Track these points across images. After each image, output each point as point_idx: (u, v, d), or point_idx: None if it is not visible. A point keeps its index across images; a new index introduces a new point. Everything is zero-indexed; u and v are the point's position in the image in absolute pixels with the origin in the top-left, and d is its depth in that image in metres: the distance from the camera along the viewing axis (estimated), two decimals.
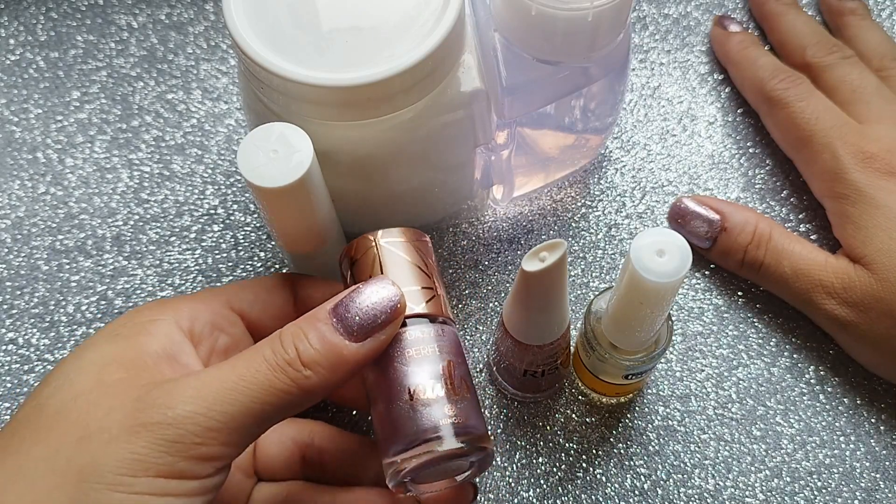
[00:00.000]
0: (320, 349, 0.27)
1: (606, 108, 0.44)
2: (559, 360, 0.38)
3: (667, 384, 0.43)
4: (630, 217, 0.47)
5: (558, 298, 0.33)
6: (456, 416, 0.29)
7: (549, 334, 0.35)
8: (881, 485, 0.40)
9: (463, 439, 0.29)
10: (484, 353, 0.44)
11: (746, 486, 0.40)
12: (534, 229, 0.47)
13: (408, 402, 0.29)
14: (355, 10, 0.36)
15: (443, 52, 0.35)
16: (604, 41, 0.36)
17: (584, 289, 0.45)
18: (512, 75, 0.37)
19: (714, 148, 0.49)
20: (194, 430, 0.25)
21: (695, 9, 0.54)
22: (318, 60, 0.35)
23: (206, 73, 0.52)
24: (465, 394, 0.30)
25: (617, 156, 0.49)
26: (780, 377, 0.43)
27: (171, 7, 0.54)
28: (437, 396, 0.29)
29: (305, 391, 0.27)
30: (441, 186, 0.44)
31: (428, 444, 0.28)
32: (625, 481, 0.41)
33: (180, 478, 0.25)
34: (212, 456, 0.25)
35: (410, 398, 0.29)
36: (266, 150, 0.34)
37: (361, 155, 0.38)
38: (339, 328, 0.27)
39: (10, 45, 0.53)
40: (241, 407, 0.26)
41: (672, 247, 0.31)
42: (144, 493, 0.24)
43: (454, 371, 0.30)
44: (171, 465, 0.25)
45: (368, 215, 0.45)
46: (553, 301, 0.33)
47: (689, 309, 0.45)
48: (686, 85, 0.52)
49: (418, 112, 0.37)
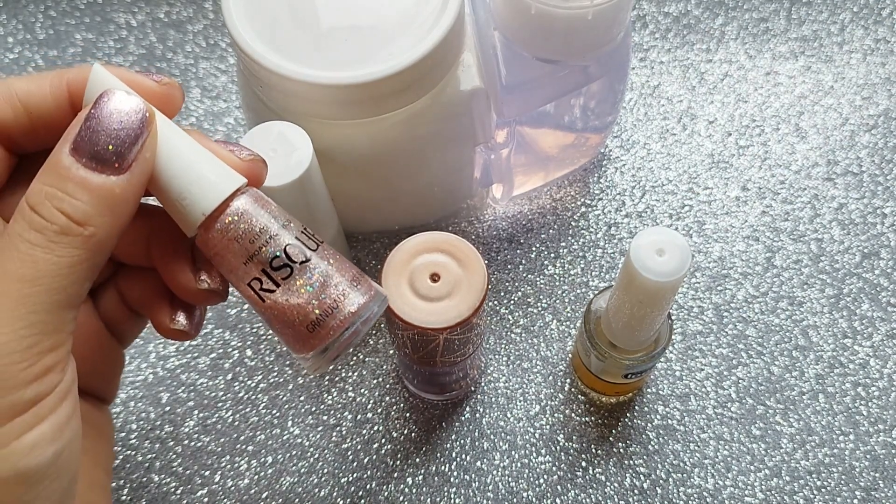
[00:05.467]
0: (90, 198, 0.22)
1: (606, 107, 0.44)
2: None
3: (666, 383, 0.43)
4: (630, 216, 0.47)
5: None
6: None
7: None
8: (880, 484, 0.40)
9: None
10: (480, 352, 0.44)
11: (746, 486, 0.40)
12: (533, 228, 0.47)
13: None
14: (354, 9, 0.36)
15: (442, 50, 0.35)
16: (604, 40, 0.36)
17: (584, 288, 0.45)
18: (512, 74, 0.37)
19: (714, 147, 0.49)
20: (14, 361, 0.22)
21: (695, 7, 0.54)
22: (318, 59, 0.34)
23: (204, 71, 0.52)
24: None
25: (617, 154, 0.49)
26: (779, 376, 0.43)
27: (170, 5, 0.54)
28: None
29: (98, 249, 0.23)
30: (440, 185, 0.44)
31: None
32: (624, 480, 0.41)
33: (35, 404, 0.22)
34: (49, 367, 0.22)
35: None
36: (265, 148, 0.34)
37: (360, 154, 0.38)
38: (94, 166, 0.23)
39: (9, 44, 0.53)
40: (44, 307, 0.22)
41: (672, 246, 0.31)
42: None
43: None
44: (20, 395, 0.22)
45: (367, 213, 0.45)
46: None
47: (689, 308, 0.45)
48: (686, 84, 0.52)
49: (417, 111, 0.37)
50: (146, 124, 0.23)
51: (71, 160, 0.23)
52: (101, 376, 0.30)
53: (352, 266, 0.26)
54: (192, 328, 0.28)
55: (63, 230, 0.22)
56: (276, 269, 0.25)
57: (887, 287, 0.45)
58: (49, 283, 0.22)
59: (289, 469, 0.41)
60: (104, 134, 0.23)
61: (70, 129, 0.23)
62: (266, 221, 0.25)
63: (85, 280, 0.23)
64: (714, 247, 0.46)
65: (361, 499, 0.40)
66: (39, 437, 0.22)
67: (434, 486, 0.41)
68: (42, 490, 0.22)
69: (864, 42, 0.53)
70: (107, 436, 0.30)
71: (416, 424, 0.42)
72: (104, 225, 0.23)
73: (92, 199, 0.23)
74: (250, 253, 0.25)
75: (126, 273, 0.29)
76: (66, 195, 0.22)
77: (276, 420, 0.42)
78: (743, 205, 0.48)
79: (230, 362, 0.44)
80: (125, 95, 0.24)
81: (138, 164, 0.23)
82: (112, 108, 0.23)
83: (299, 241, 0.25)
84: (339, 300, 0.25)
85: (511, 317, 0.45)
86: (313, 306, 0.25)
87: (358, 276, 0.26)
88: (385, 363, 0.44)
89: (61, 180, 0.23)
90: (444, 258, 0.34)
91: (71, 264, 0.22)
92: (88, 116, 0.23)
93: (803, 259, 0.46)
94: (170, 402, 0.43)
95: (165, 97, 0.26)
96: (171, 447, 0.42)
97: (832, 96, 0.51)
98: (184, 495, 0.41)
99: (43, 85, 0.25)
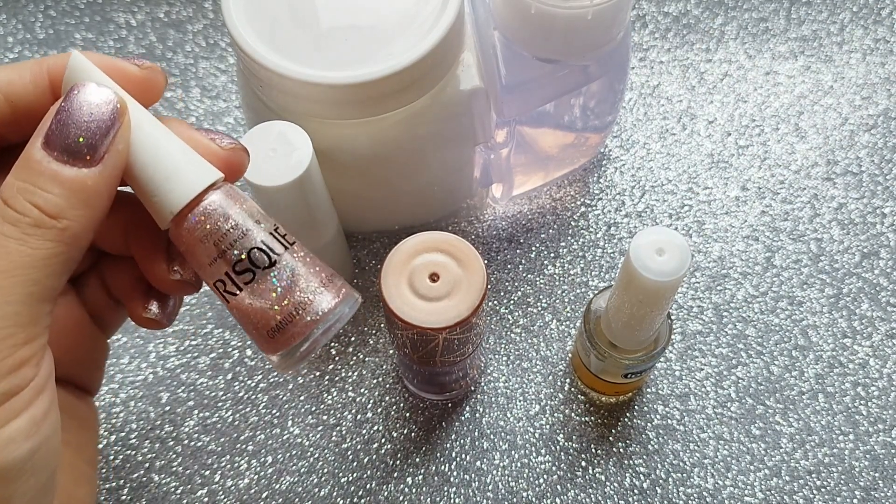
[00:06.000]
0: (62, 191, 0.22)
1: (606, 107, 0.44)
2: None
3: (666, 383, 0.43)
4: (629, 216, 0.47)
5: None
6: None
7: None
8: (880, 484, 0.40)
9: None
10: (479, 352, 0.44)
11: (745, 485, 0.40)
12: (533, 228, 0.47)
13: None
14: (354, 9, 0.36)
15: (442, 50, 0.35)
16: (603, 39, 0.36)
17: (584, 288, 0.45)
18: (511, 74, 0.37)
19: (713, 147, 0.49)
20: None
21: (694, 7, 0.54)
22: (317, 59, 0.34)
23: (204, 71, 0.52)
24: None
25: (616, 154, 0.49)
26: (779, 376, 0.43)
27: (170, 5, 0.54)
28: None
29: (73, 242, 0.23)
30: (440, 185, 0.44)
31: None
32: (624, 480, 0.41)
33: (9, 397, 0.22)
34: (24, 360, 0.22)
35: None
36: (265, 148, 0.34)
37: (360, 153, 0.38)
38: (65, 159, 0.23)
39: (9, 43, 0.53)
40: (19, 299, 0.22)
41: (671, 246, 0.31)
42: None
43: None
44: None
45: (367, 213, 0.45)
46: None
47: (689, 308, 0.45)
48: (686, 83, 0.52)
49: (417, 110, 0.37)
50: (118, 116, 0.23)
51: (42, 154, 0.23)
52: (85, 367, 0.29)
53: (324, 268, 0.26)
54: (165, 318, 0.28)
55: (36, 223, 0.22)
56: (239, 273, 0.25)
57: (887, 287, 0.45)
58: (24, 274, 0.22)
59: (289, 469, 0.41)
60: (74, 127, 0.23)
61: (42, 122, 0.23)
62: (234, 222, 0.25)
63: (61, 273, 0.23)
64: (714, 246, 0.46)
65: (361, 498, 0.40)
66: (14, 432, 0.22)
67: (434, 485, 0.41)
68: (19, 486, 0.22)
69: (863, 42, 0.53)
70: (91, 427, 0.29)
71: (416, 424, 0.42)
72: (78, 218, 0.23)
73: (64, 192, 0.23)
74: (216, 254, 0.25)
75: (108, 262, 0.29)
76: (38, 189, 0.22)
77: (276, 420, 0.42)
78: (742, 204, 0.48)
79: (230, 362, 0.44)
80: (95, 87, 0.23)
81: (111, 156, 0.23)
82: (82, 101, 0.23)
83: (265, 245, 0.25)
84: (304, 305, 0.25)
85: (511, 316, 0.45)
86: (275, 311, 0.25)
87: (328, 279, 0.26)
88: (385, 363, 0.44)
89: (33, 174, 0.23)
90: (444, 258, 0.34)
91: (45, 257, 0.22)
92: (59, 109, 0.23)
93: (803, 259, 0.46)
94: (170, 401, 0.43)
95: (147, 82, 0.25)
96: (171, 447, 0.42)
97: (832, 96, 0.51)
98: (184, 495, 0.41)
99: (24, 74, 0.25)
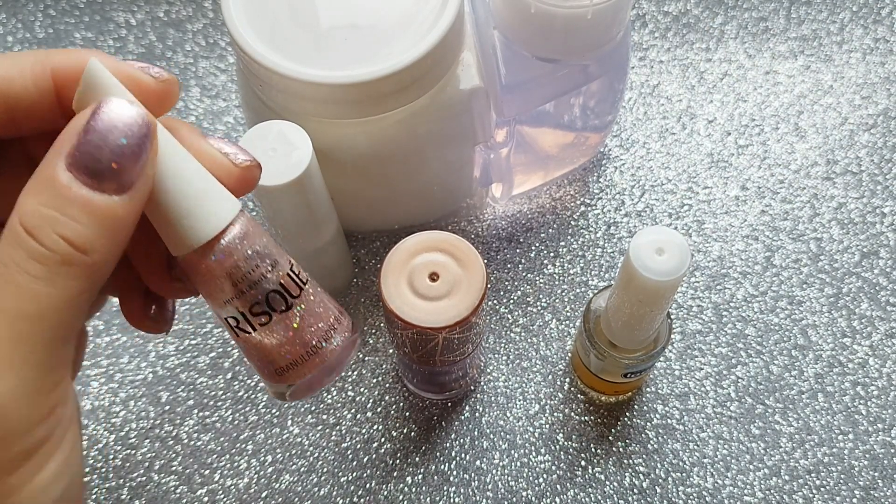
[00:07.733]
0: (89, 221, 0.20)
1: (606, 107, 0.44)
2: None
3: (666, 383, 0.43)
4: (629, 215, 0.47)
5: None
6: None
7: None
8: (879, 483, 0.41)
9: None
10: (479, 351, 0.44)
11: (745, 485, 0.41)
12: (533, 227, 0.47)
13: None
14: (354, 8, 0.36)
15: (441, 50, 0.35)
16: (603, 39, 0.36)
17: (583, 287, 0.45)
18: (511, 73, 0.37)
19: (713, 146, 0.49)
20: (22, 406, 0.19)
21: (694, 6, 0.54)
22: (317, 58, 0.34)
23: (204, 70, 0.52)
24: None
25: (616, 154, 0.49)
26: (778, 376, 0.43)
27: (170, 4, 0.54)
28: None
29: (98, 277, 0.21)
30: (440, 184, 0.44)
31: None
32: (623, 480, 0.41)
33: (44, 443, 0.21)
34: (55, 404, 0.20)
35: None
36: (265, 147, 0.34)
37: (360, 153, 0.38)
38: (94, 185, 0.20)
39: (9, 43, 0.53)
40: (45, 346, 0.20)
41: (671, 245, 0.31)
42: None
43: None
44: (30, 438, 0.20)
45: (367, 212, 0.45)
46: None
47: (689, 307, 0.45)
48: (685, 83, 0.52)
49: (417, 110, 0.37)
50: (149, 139, 0.21)
51: (69, 177, 0.20)
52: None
53: (331, 306, 0.25)
54: (165, 322, 0.27)
55: (65, 259, 0.20)
56: (256, 315, 0.24)
57: (886, 286, 0.45)
58: (51, 318, 0.20)
59: (288, 468, 0.41)
60: (106, 148, 0.20)
61: (64, 139, 0.20)
62: (255, 263, 0.23)
63: (85, 311, 0.21)
64: (713, 246, 0.46)
65: (361, 498, 0.40)
66: (50, 476, 0.21)
67: (433, 485, 0.41)
68: None
69: (863, 41, 0.53)
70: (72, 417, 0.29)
71: (416, 423, 0.42)
72: (103, 249, 0.20)
73: (93, 222, 0.20)
74: (233, 294, 0.23)
75: None
76: (69, 218, 0.20)
77: (275, 419, 0.42)
78: (742, 204, 0.48)
79: (230, 361, 0.44)
80: (126, 105, 0.21)
81: (141, 181, 0.21)
82: (113, 119, 0.20)
83: (283, 288, 0.24)
84: (314, 348, 0.25)
85: (510, 316, 0.45)
86: (285, 352, 0.24)
87: (336, 322, 0.25)
88: (385, 362, 0.44)
89: (61, 200, 0.20)
90: (444, 257, 0.34)
91: (72, 297, 0.20)
92: (87, 129, 0.20)
93: (802, 258, 0.46)
94: (169, 401, 0.43)
95: (163, 94, 0.23)
96: (171, 446, 0.42)
97: (831, 96, 0.51)
98: (183, 494, 0.41)
99: (24, 70, 0.22)
